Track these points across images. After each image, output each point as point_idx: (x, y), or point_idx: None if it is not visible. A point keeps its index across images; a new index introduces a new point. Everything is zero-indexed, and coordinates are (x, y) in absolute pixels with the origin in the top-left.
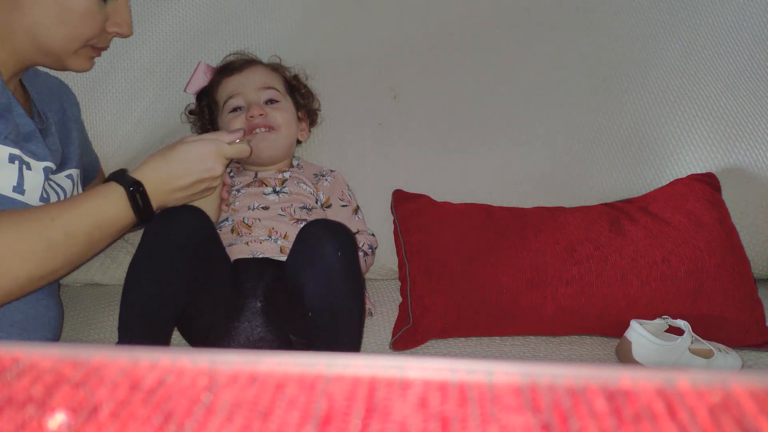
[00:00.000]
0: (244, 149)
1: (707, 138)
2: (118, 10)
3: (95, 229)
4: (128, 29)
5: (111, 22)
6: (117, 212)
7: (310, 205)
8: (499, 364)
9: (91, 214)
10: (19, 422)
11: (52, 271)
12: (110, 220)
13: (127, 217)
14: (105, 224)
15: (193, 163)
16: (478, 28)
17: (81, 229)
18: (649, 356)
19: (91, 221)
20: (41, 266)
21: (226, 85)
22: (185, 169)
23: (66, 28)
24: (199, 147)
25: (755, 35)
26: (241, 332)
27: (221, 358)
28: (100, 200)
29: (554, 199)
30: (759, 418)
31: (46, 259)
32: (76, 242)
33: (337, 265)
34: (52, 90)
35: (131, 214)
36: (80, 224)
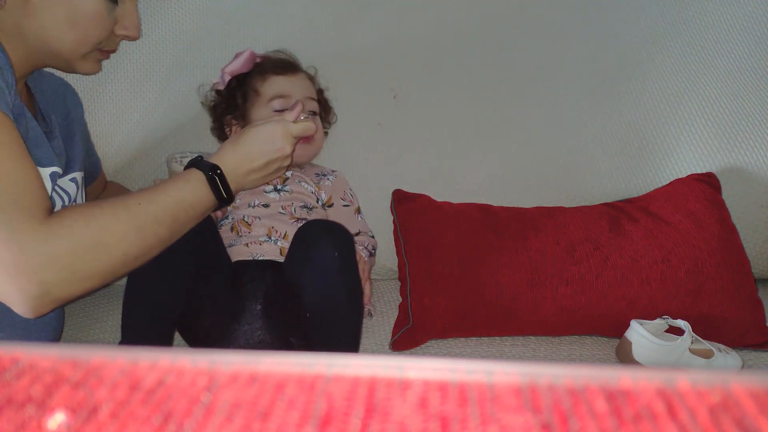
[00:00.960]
0: (310, 126)
1: (707, 138)
2: (126, 12)
3: (180, 212)
4: (136, 32)
5: (119, 24)
6: (199, 196)
7: (311, 204)
8: (499, 364)
9: (176, 199)
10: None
11: (144, 252)
12: (193, 204)
13: (208, 200)
14: (189, 208)
15: (264, 143)
16: (478, 28)
17: (167, 213)
18: (649, 356)
19: (175, 205)
20: (134, 247)
21: (276, 82)
22: (257, 150)
23: (75, 32)
24: (268, 128)
25: (755, 35)
26: (241, 335)
27: (221, 359)
28: (183, 185)
29: (554, 199)
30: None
31: (138, 240)
32: (164, 225)
33: (335, 265)
34: (56, 91)
35: (212, 197)
36: (166, 208)
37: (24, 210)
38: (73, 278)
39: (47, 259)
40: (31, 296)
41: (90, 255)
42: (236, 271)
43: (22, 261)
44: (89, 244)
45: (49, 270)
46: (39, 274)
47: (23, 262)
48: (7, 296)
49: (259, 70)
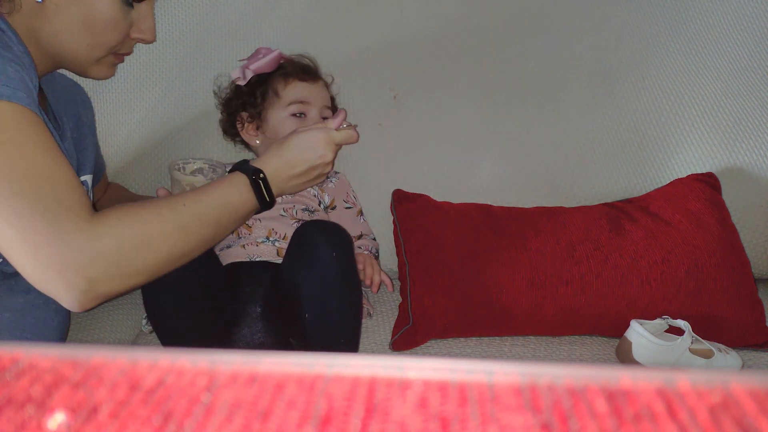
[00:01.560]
0: (352, 134)
1: (707, 138)
2: (142, 16)
3: (224, 214)
4: (152, 35)
5: (135, 28)
6: (243, 199)
7: (313, 207)
8: (499, 364)
9: (220, 201)
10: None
11: (189, 251)
12: (237, 206)
13: (251, 203)
14: (233, 210)
15: (307, 151)
16: (478, 28)
17: (211, 214)
18: (649, 356)
19: (219, 207)
20: (178, 246)
21: (297, 87)
22: (300, 157)
23: (90, 36)
24: (311, 135)
25: (755, 35)
26: (241, 338)
27: (221, 359)
28: (226, 188)
29: (554, 199)
30: (759, 418)
31: (182, 239)
32: (207, 226)
33: (333, 266)
34: (68, 93)
35: (254, 200)
36: (210, 210)
37: (68, 209)
38: (119, 275)
39: (94, 255)
40: (79, 291)
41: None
42: (233, 273)
43: (69, 257)
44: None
45: (96, 266)
46: (86, 270)
47: (71, 259)
48: (55, 291)
49: (282, 72)
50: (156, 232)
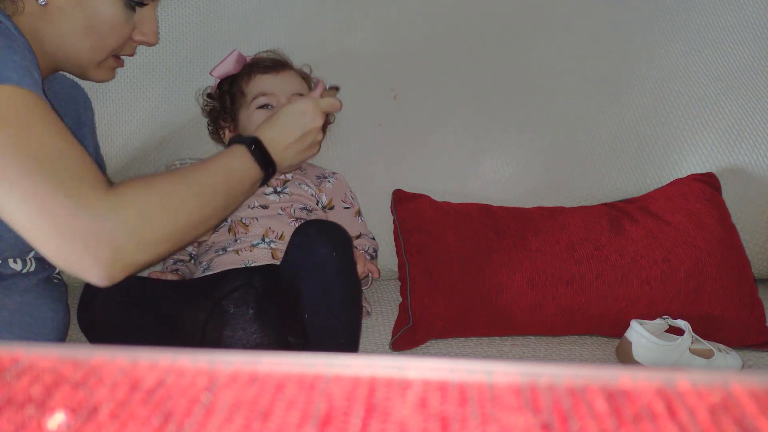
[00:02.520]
0: (335, 102)
1: (707, 138)
2: (145, 18)
3: (232, 181)
4: (155, 38)
5: (138, 31)
6: (246, 167)
7: (311, 206)
8: (499, 364)
9: (226, 169)
10: (19, 422)
11: (205, 218)
12: (242, 174)
13: (254, 171)
14: (239, 178)
15: (297, 117)
16: (478, 28)
17: (220, 182)
18: (649, 356)
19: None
20: (195, 212)
21: (259, 82)
22: (291, 124)
23: (93, 39)
24: (299, 104)
25: (755, 35)
26: (237, 341)
27: (221, 358)
28: (229, 158)
29: (554, 199)
30: (759, 418)
31: (197, 206)
32: (219, 193)
33: (332, 266)
34: (68, 94)
35: (257, 168)
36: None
37: (87, 182)
38: (144, 243)
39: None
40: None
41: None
42: (220, 282)
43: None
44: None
45: (120, 235)
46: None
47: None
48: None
49: (246, 71)
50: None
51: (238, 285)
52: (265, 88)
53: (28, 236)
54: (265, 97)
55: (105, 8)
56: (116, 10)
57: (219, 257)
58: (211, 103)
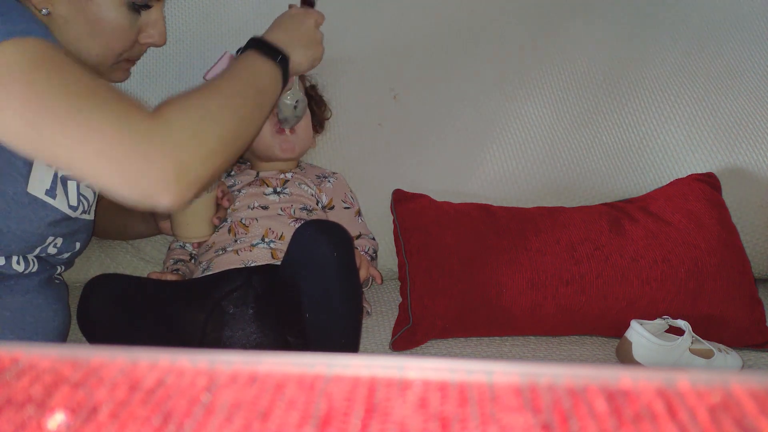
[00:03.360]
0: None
1: (707, 138)
2: (151, 20)
3: (251, 79)
4: (162, 39)
5: (144, 33)
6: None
7: (311, 206)
8: (499, 364)
9: (244, 72)
10: (19, 422)
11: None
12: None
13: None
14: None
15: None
16: (478, 28)
17: (246, 86)
18: (649, 356)
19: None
20: (235, 116)
21: None
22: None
23: (99, 45)
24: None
25: (755, 35)
26: (237, 341)
27: (221, 359)
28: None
29: (554, 199)
30: (759, 418)
31: (237, 108)
32: (249, 97)
33: (333, 266)
34: None
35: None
36: (242, 82)
37: (132, 108)
38: (202, 152)
39: (172, 139)
40: (173, 178)
41: (204, 127)
42: (219, 282)
43: (153, 151)
44: (198, 119)
45: (179, 148)
46: (172, 153)
47: (154, 148)
48: (150, 189)
49: None
50: (212, 108)
51: (238, 285)
52: None
53: (91, 173)
54: None
55: (108, 14)
56: (120, 15)
57: (218, 257)
58: None
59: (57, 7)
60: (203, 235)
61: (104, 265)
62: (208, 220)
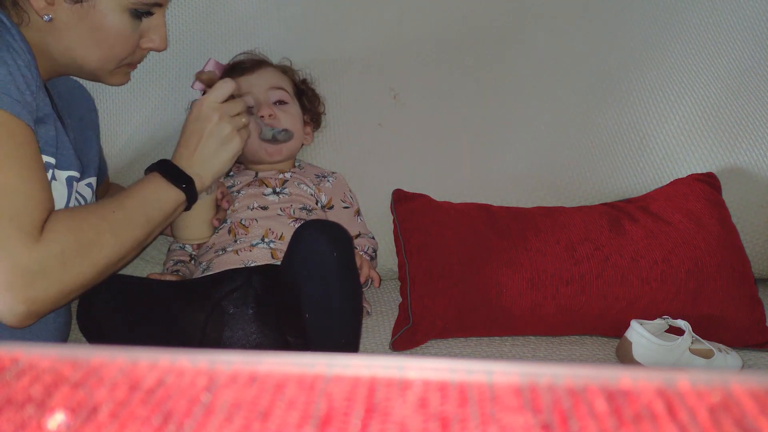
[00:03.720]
0: (223, 86)
1: (707, 138)
2: (153, 26)
3: (151, 211)
4: (163, 44)
5: (146, 38)
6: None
7: (310, 206)
8: (499, 364)
9: (142, 200)
10: (19, 422)
11: (124, 255)
12: (160, 201)
13: (171, 192)
14: (157, 205)
15: (191, 124)
16: (478, 28)
17: (139, 215)
18: (649, 356)
19: (144, 206)
20: (114, 253)
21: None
22: (190, 132)
23: (100, 51)
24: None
25: (755, 35)
26: (236, 341)
27: (221, 358)
28: (145, 187)
29: (554, 199)
30: (759, 418)
31: (117, 245)
32: (138, 225)
33: (333, 265)
34: (72, 94)
35: (173, 188)
36: (137, 210)
37: (21, 226)
38: (60, 294)
39: (38, 276)
40: (17, 313)
41: (77, 269)
42: (219, 282)
43: (14, 280)
44: (77, 258)
45: (38, 287)
46: (28, 291)
47: (15, 281)
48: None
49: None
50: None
51: (238, 285)
52: (242, 89)
53: None
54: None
55: (110, 20)
56: (122, 21)
57: (218, 257)
58: None
59: (59, 13)
60: (203, 237)
61: None
62: (208, 222)
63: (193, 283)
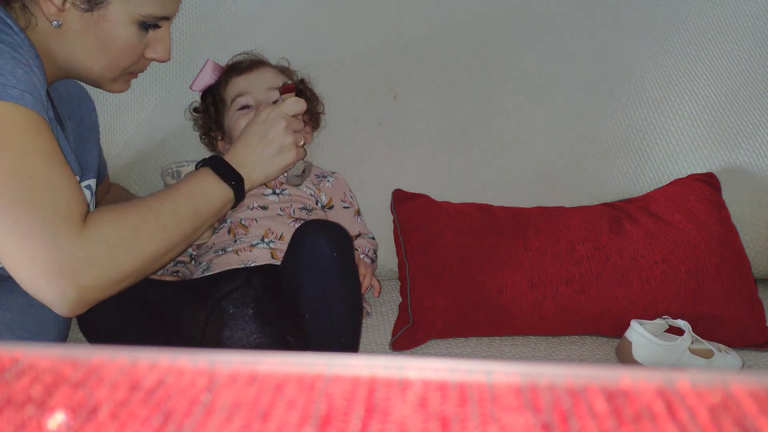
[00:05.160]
0: (297, 102)
1: (707, 138)
2: (158, 37)
3: (199, 205)
4: (167, 55)
5: (150, 49)
6: (212, 186)
7: (310, 206)
8: (499, 364)
9: (192, 193)
10: (19, 422)
11: (171, 247)
12: (208, 195)
13: (221, 189)
14: (206, 200)
15: (256, 125)
16: (478, 28)
17: (187, 209)
18: (649, 356)
19: (193, 199)
20: (162, 244)
21: (235, 84)
22: (253, 134)
23: (105, 59)
24: (260, 115)
25: (755, 35)
26: (236, 341)
27: (221, 359)
28: (194, 181)
29: (554, 199)
30: (759, 418)
31: (165, 238)
32: (186, 220)
33: (333, 266)
34: (72, 96)
35: (224, 185)
36: (184, 204)
37: (65, 218)
38: (109, 281)
39: (87, 264)
40: (70, 300)
41: (124, 258)
42: (219, 282)
43: (64, 267)
44: (123, 248)
45: (88, 275)
46: (79, 279)
47: (65, 268)
48: (47, 298)
49: (224, 77)
50: (141, 235)
51: (238, 285)
52: (241, 88)
53: (3, 260)
54: (243, 97)
55: (119, 31)
56: (130, 32)
57: (218, 257)
58: (198, 116)
59: (69, 20)
60: (202, 238)
61: None
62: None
63: (193, 283)
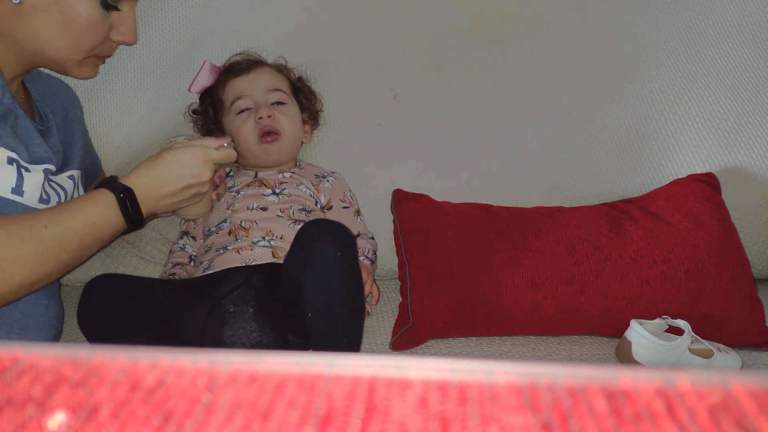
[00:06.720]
0: (231, 154)
1: (707, 138)
2: (122, 18)
3: (86, 236)
4: (133, 37)
5: (115, 30)
6: (107, 218)
7: (309, 207)
8: (499, 364)
9: (83, 223)
10: (19, 422)
11: (44, 277)
12: (101, 227)
13: (117, 222)
14: (96, 231)
15: (182, 168)
16: (478, 27)
17: (73, 238)
18: (649, 356)
19: (83, 230)
20: (33, 272)
21: (233, 86)
22: (174, 175)
23: (69, 38)
24: (187, 153)
25: (755, 35)
26: (237, 340)
27: (221, 358)
28: (91, 207)
29: (554, 199)
30: (759, 418)
31: (38, 265)
32: (68, 249)
33: (336, 266)
34: (54, 91)
35: (121, 219)
36: (72, 233)
37: None
38: None
39: None
40: None
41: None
42: (220, 281)
43: None
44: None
45: None
46: None
47: None
48: None
49: (222, 78)
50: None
51: (238, 284)
52: (240, 91)
53: None
54: (242, 100)
55: (81, 8)
56: (92, 10)
57: (219, 256)
58: (197, 118)
59: None
60: (202, 213)
61: (105, 265)
62: (208, 197)
63: (193, 281)
